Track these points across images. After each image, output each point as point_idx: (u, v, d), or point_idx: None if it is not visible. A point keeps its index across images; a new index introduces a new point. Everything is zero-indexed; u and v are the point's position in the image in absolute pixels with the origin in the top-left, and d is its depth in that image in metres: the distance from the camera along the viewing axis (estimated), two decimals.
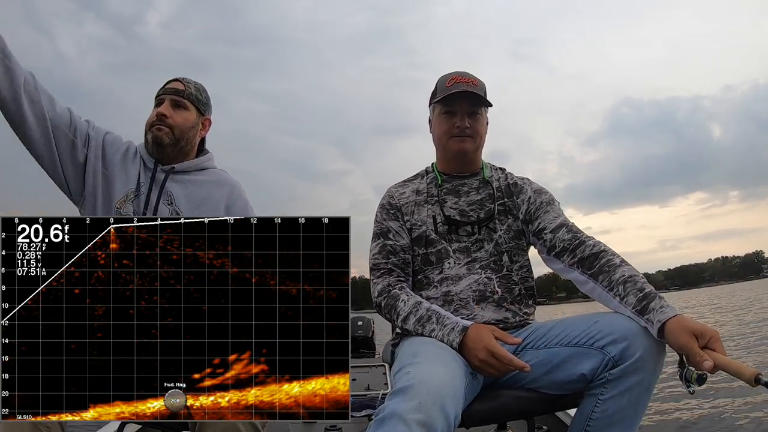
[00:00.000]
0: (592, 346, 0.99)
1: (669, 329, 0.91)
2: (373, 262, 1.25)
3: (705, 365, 0.84)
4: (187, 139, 1.30)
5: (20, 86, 1.11)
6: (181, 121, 1.28)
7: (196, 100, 1.32)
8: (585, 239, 1.14)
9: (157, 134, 1.25)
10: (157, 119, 1.26)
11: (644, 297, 0.97)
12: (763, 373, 0.81)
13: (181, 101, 1.29)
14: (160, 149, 1.26)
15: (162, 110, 1.26)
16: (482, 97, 1.25)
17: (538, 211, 1.25)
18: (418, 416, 0.81)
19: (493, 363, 0.99)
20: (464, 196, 1.29)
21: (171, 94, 1.28)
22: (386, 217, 1.29)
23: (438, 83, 1.31)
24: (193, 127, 1.31)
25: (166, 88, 1.30)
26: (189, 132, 1.30)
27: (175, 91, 1.29)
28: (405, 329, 1.16)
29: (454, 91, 1.23)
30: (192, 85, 1.32)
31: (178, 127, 1.27)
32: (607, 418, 0.97)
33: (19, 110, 1.11)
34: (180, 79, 1.32)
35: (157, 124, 1.26)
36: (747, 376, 0.81)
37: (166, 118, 1.26)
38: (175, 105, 1.28)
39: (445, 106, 1.27)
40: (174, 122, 1.26)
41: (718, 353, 0.86)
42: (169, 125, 1.26)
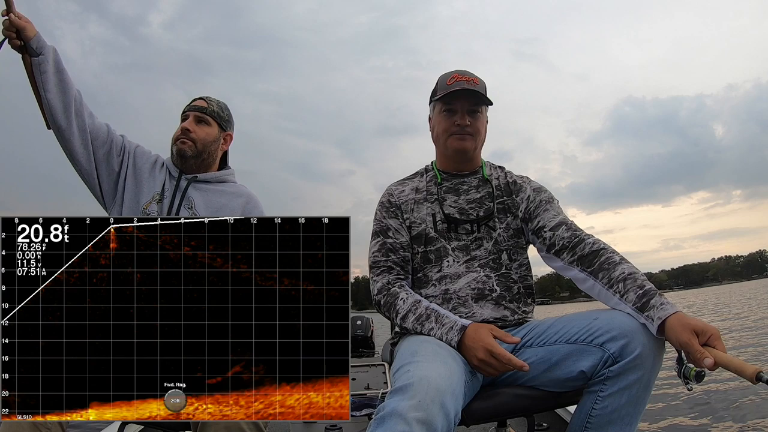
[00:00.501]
0: (592, 343, 0.99)
1: (669, 326, 0.91)
2: (373, 260, 1.25)
3: (706, 362, 0.84)
4: (209, 152, 1.43)
5: (71, 100, 1.27)
6: (203, 135, 1.41)
7: (218, 116, 1.44)
8: (584, 237, 1.14)
9: (181, 147, 1.38)
10: (182, 133, 1.39)
11: (644, 294, 0.97)
12: (764, 370, 0.81)
13: (204, 117, 1.42)
14: (183, 160, 1.39)
15: (186, 125, 1.39)
16: (483, 96, 1.25)
17: (538, 209, 1.25)
18: (418, 414, 0.81)
19: (491, 362, 0.99)
20: (464, 195, 1.29)
21: (195, 110, 1.42)
22: (386, 215, 1.29)
23: (439, 81, 1.31)
24: (214, 141, 1.43)
25: (191, 105, 1.44)
26: (211, 146, 1.43)
27: (198, 108, 1.42)
28: (404, 327, 1.16)
29: (455, 89, 1.23)
30: (215, 102, 1.45)
31: (200, 140, 1.40)
32: (606, 415, 0.97)
33: (68, 121, 1.26)
34: (204, 98, 1.45)
35: (182, 137, 1.39)
36: (748, 374, 0.81)
37: (190, 133, 1.39)
38: (198, 120, 1.41)
39: (446, 104, 1.27)
40: (197, 136, 1.40)
41: (719, 350, 0.86)
42: (192, 139, 1.39)
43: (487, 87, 1.29)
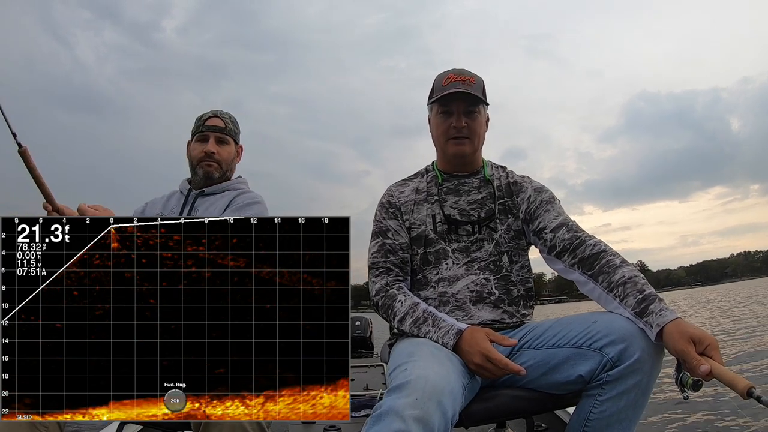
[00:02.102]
0: (590, 347, 0.98)
1: (667, 333, 0.90)
2: (372, 261, 1.25)
3: (701, 370, 0.84)
4: (231, 169, 1.52)
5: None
6: (226, 155, 1.49)
7: (234, 134, 1.51)
8: (585, 239, 1.13)
9: (207, 170, 1.45)
10: (206, 156, 1.45)
11: (644, 299, 0.96)
12: (756, 387, 0.80)
13: (224, 138, 1.48)
14: (209, 181, 1.46)
15: (210, 148, 1.45)
16: (478, 97, 1.24)
17: (539, 210, 1.24)
18: (415, 412, 0.81)
19: (488, 367, 0.99)
20: (464, 195, 1.28)
21: (215, 132, 1.47)
22: (385, 215, 1.29)
23: (435, 82, 1.29)
24: (234, 158, 1.53)
25: (209, 126, 1.48)
26: (232, 163, 1.52)
27: (218, 129, 1.48)
28: (401, 330, 1.16)
29: (450, 91, 1.22)
30: (228, 119, 1.51)
31: (224, 161, 1.48)
32: (604, 419, 0.96)
33: None
34: (218, 115, 1.50)
35: (206, 160, 1.45)
36: (740, 388, 0.80)
37: (215, 155, 1.46)
38: (219, 141, 1.48)
39: (442, 106, 1.26)
40: (221, 158, 1.47)
41: (715, 361, 0.85)
42: (217, 161, 1.46)
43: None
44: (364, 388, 2.75)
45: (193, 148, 1.49)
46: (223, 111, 1.52)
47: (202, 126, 1.48)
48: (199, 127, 1.48)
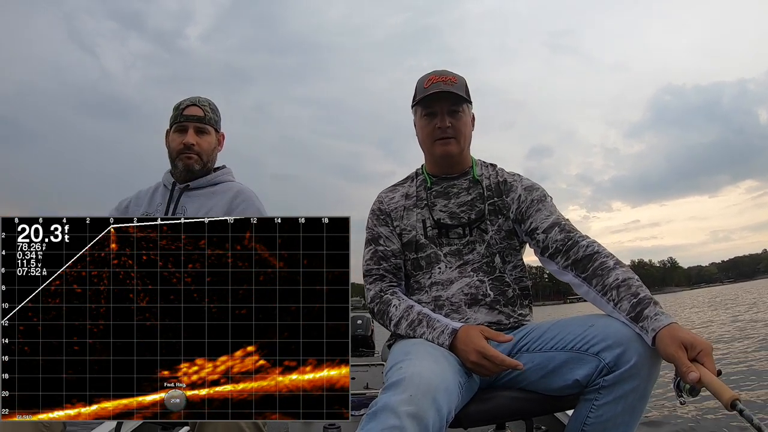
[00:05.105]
0: (587, 351, 0.97)
1: (660, 338, 0.89)
2: (366, 268, 1.25)
3: (689, 377, 0.82)
4: (212, 160, 1.44)
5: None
6: (206, 146, 1.40)
7: (215, 122, 1.43)
8: (578, 239, 1.11)
9: (187, 162, 1.37)
10: (185, 148, 1.37)
11: (638, 303, 0.95)
12: (741, 399, 0.79)
13: (204, 127, 1.40)
14: (190, 174, 1.39)
15: (189, 140, 1.37)
16: (461, 96, 1.23)
17: (529, 209, 1.22)
18: (409, 408, 0.81)
19: (484, 364, 0.98)
20: (454, 198, 1.27)
21: (194, 122, 1.38)
22: (376, 222, 1.29)
23: (417, 84, 1.29)
24: (215, 148, 1.44)
25: (187, 115, 1.39)
26: (213, 153, 1.44)
27: (197, 118, 1.39)
28: (397, 334, 1.16)
29: (432, 92, 1.21)
30: (208, 106, 1.42)
31: (204, 153, 1.40)
32: (601, 423, 0.96)
33: None
34: (196, 103, 1.41)
35: (186, 152, 1.37)
36: (725, 399, 0.79)
37: (194, 146, 1.37)
38: (198, 131, 1.39)
39: (425, 108, 1.25)
40: (201, 149, 1.39)
41: (706, 368, 0.84)
42: (197, 152, 1.38)
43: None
44: (364, 387, 2.75)
45: (171, 139, 1.41)
46: (201, 98, 1.43)
47: (179, 116, 1.39)
48: (177, 117, 1.39)
